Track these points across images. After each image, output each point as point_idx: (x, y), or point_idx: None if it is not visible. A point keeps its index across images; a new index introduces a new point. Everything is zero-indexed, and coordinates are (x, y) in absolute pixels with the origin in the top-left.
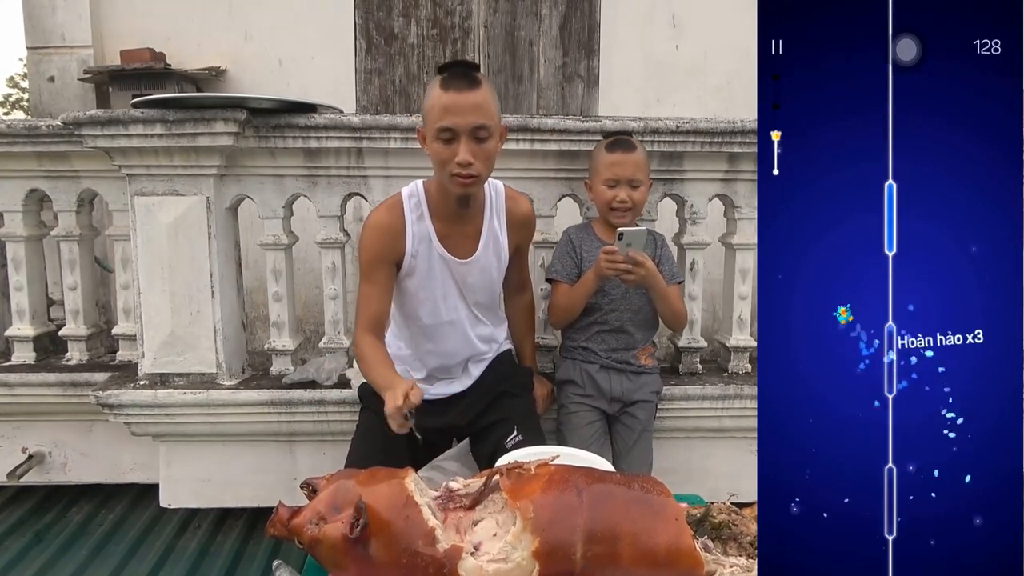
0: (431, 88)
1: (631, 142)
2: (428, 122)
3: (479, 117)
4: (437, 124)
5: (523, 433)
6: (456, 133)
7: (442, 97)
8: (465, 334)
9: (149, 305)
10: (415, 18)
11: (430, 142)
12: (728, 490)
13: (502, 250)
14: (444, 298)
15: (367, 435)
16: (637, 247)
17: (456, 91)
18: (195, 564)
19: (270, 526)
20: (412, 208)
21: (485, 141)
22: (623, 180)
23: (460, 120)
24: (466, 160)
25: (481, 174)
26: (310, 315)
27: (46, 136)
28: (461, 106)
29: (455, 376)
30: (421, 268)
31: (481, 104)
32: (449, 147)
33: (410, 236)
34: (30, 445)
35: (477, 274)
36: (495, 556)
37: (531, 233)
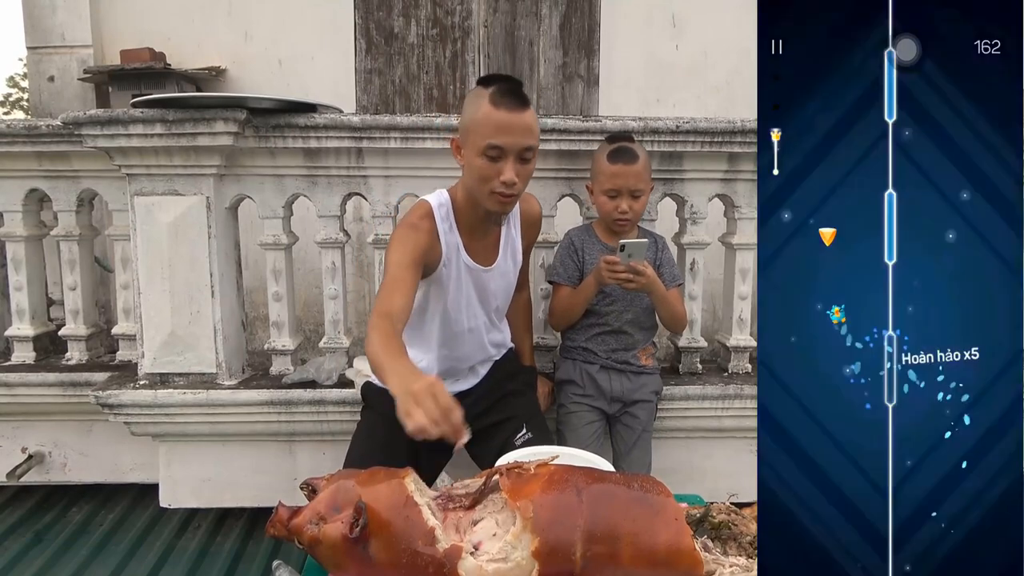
0: (478, 101)
1: (633, 151)
2: (473, 135)
3: (528, 139)
4: (487, 141)
5: (532, 431)
6: (505, 152)
7: (494, 114)
8: (480, 340)
9: (149, 305)
10: (415, 18)
11: (473, 156)
12: (728, 490)
13: (518, 253)
14: (467, 306)
15: (369, 435)
16: (638, 257)
17: (508, 110)
18: (195, 564)
19: (270, 526)
20: (443, 218)
21: (529, 162)
22: (624, 191)
23: (511, 141)
24: (511, 180)
25: (520, 193)
26: (310, 315)
27: (46, 136)
28: (514, 127)
29: (461, 376)
30: (452, 277)
31: (531, 126)
32: (495, 165)
33: (444, 245)
34: (30, 445)
35: (498, 279)
36: (495, 556)
37: (538, 232)
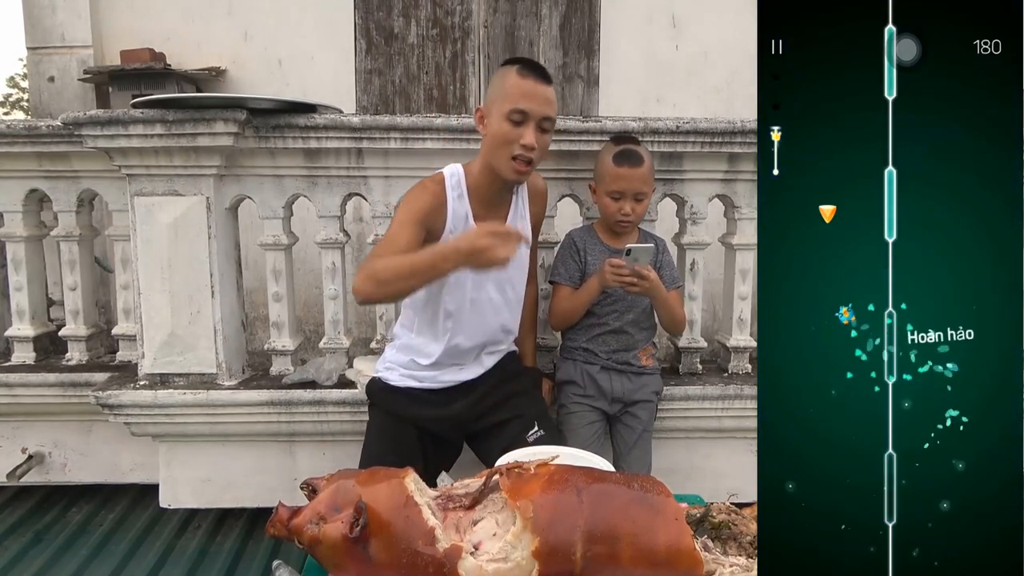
0: (506, 74)
1: (639, 155)
2: (499, 102)
3: (549, 109)
4: (513, 105)
5: (544, 430)
6: (528, 117)
7: (521, 83)
8: (485, 316)
9: (149, 305)
10: (415, 18)
11: (498, 122)
12: (728, 490)
13: (527, 226)
14: (473, 275)
15: (380, 434)
16: (643, 262)
17: (535, 80)
18: (195, 564)
19: (270, 526)
20: (453, 187)
21: (547, 132)
22: (628, 194)
23: (536, 107)
24: (531, 143)
25: (536, 162)
26: (310, 315)
27: (46, 136)
28: (539, 95)
29: (466, 363)
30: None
31: (552, 99)
32: (517, 129)
33: (451, 212)
34: (30, 445)
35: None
36: (495, 556)
37: (544, 209)
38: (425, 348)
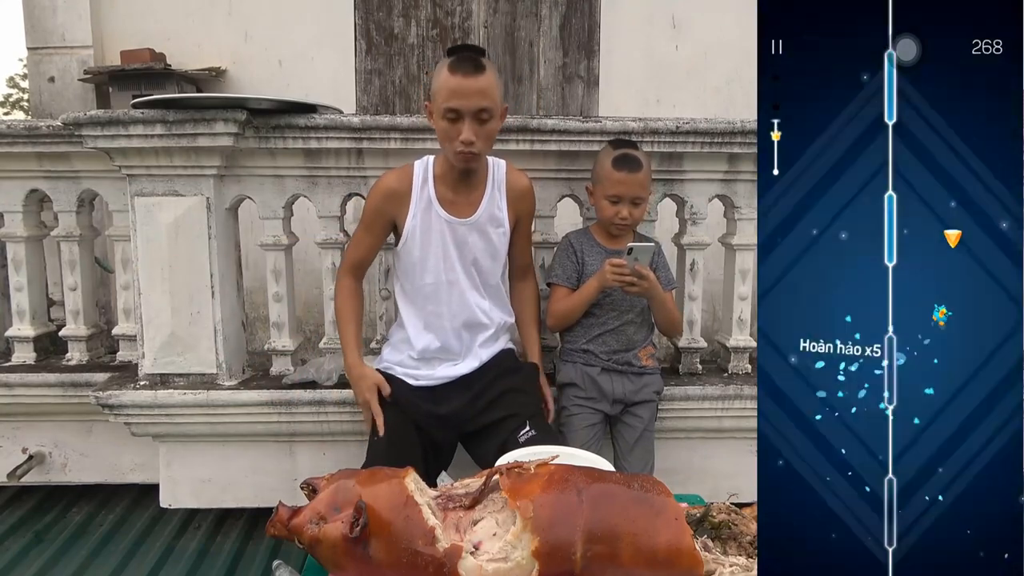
0: (440, 69)
1: (637, 159)
2: (436, 101)
3: (482, 101)
4: (445, 104)
5: (535, 429)
6: (461, 114)
7: (449, 80)
8: (463, 297)
9: (149, 305)
10: (415, 18)
11: (437, 119)
12: (728, 490)
13: (503, 219)
14: (444, 257)
15: (384, 433)
16: (644, 261)
17: (463, 75)
18: (195, 564)
19: (270, 526)
20: (419, 173)
21: (487, 122)
22: (626, 198)
23: (465, 103)
24: (469, 139)
25: (482, 151)
26: (310, 315)
27: (46, 136)
28: (467, 90)
29: (459, 356)
30: (422, 228)
31: (485, 89)
32: (454, 126)
33: (414, 200)
34: (30, 445)
35: (476, 235)
36: (495, 555)
37: (530, 208)
38: (415, 338)
